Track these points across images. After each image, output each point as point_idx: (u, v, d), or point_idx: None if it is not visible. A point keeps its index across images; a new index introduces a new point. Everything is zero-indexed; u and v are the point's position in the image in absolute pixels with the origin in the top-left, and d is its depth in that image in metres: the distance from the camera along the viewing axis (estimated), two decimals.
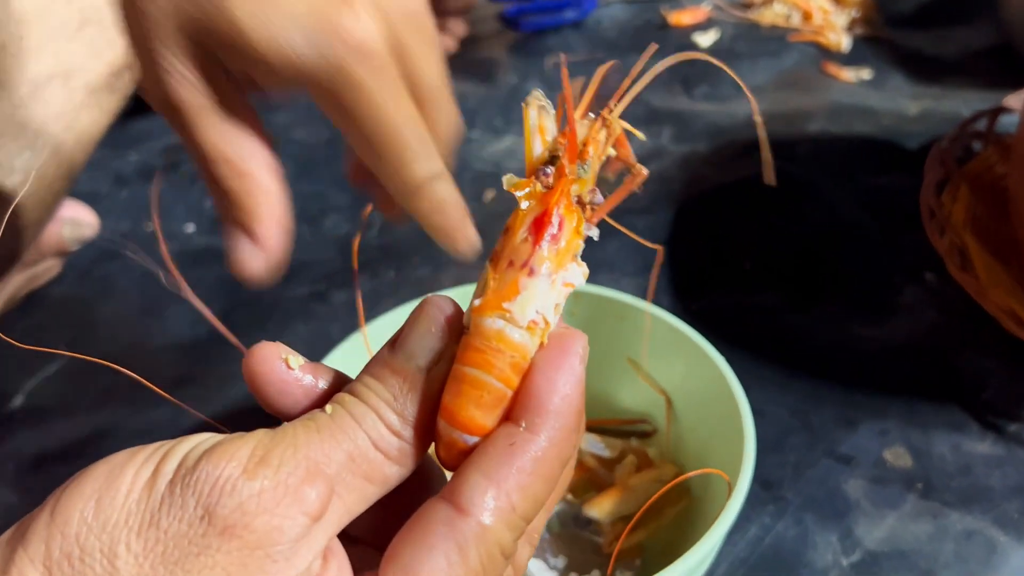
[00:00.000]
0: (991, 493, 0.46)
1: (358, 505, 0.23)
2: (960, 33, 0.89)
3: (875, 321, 0.57)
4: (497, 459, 0.22)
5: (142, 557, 0.20)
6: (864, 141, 0.74)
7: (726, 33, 0.93)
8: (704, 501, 0.41)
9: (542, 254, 0.23)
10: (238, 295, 0.64)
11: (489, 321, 0.23)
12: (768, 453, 0.48)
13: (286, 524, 0.21)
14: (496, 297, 0.23)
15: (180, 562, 0.20)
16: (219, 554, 0.20)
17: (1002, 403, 0.51)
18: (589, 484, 0.45)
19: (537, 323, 0.23)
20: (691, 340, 0.43)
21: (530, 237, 0.24)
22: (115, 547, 0.20)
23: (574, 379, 0.23)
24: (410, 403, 0.23)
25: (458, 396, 0.23)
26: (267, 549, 0.21)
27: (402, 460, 0.23)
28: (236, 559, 0.20)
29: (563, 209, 0.24)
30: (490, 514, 0.22)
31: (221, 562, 0.20)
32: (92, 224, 0.68)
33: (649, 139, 0.76)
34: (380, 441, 0.23)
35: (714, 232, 0.66)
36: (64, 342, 0.63)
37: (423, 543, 0.22)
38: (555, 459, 0.23)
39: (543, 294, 0.23)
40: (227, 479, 0.21)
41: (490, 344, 0.23)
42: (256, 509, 0.21)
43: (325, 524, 0.22)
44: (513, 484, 0.22)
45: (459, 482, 0.22)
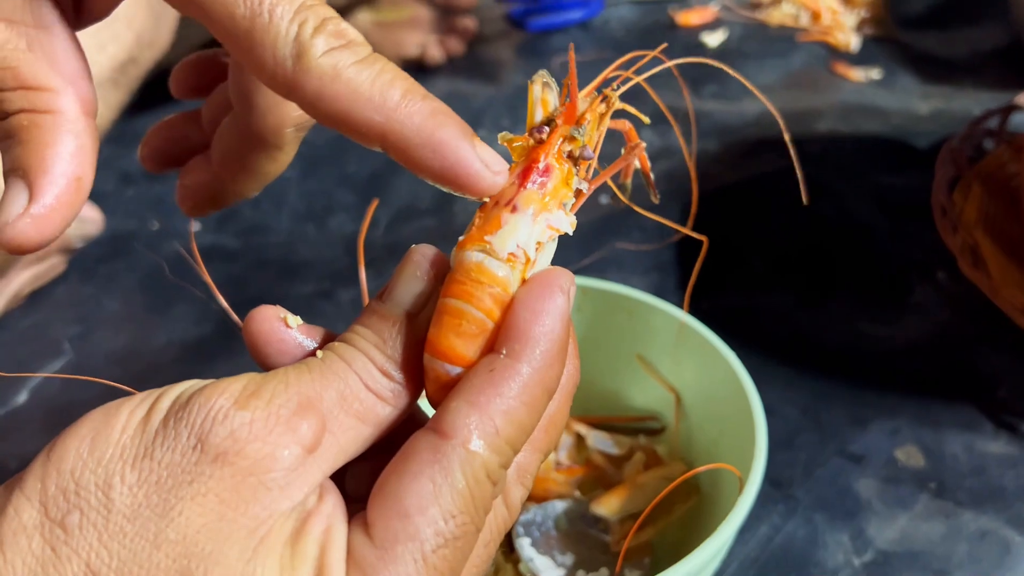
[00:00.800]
0: (1004, 493, 0.45)
1: (353, 445, 0.23)
2: (970, 33, 0.88)
3: (887, 319, 0.56)
4: (479, 385, 0.22)
5: (136, 487, 0.20)
6: (875, 140, 0.74)
7: (734, 33, 0.92)
8: (714, 499, 0.41)
9: (526, 194, 0.24)
10: (243, 293, 0.64)
11: (470, 254, 0.24)
12: (778, 452, 0.48)
13: (279, 452, 0.21)
14: (479, 232, 0.24)
15: (174, 489, 0.20)
16: (212, 480, 0.20)
17: (1016, 402, 0.50)
18: (597, 482, 0.45)
19: (517, 256, 0.23)
20: (703, 337, 0.43)
21: (516, 181, 0.24)
22: (110, 479, 0.20)
23: (556, 310, 0.23)
24: (400, 346, 0.23)
25: (439, 327, 0.23)
26: (260, 476, 0.21)
27: (395, 401, 0.23)
28: (229, 485, 0.20)
29: (551, 158, 0.25)
30: (474, 437, 0.22)
31: (214, 488, 0.20)
32: (97, 222, 0.68)
33: (658, 138, 0.76)
34: (371, 382, 0.23)
35: (724, 231, 0.66)
36: (68, 339, 0.62)
37: (408, 469, 0.22)
38: (537, 385, 0.22)
39: (524, 229, 0.24)
40: (219, 409, 0.21)
41: (470, 276, 0.23)
42: (248, 436, 0.21)
43: (319, 458, 0.22)
44: (495, 408, 0.22)
45: (442, 410, 0.22)
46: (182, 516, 0.20)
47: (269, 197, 0.75)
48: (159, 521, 0.20)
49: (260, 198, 0.75)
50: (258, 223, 0.72)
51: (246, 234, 0.71)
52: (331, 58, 0.22)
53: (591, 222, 0.66)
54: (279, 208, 0.73)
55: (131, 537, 0.20)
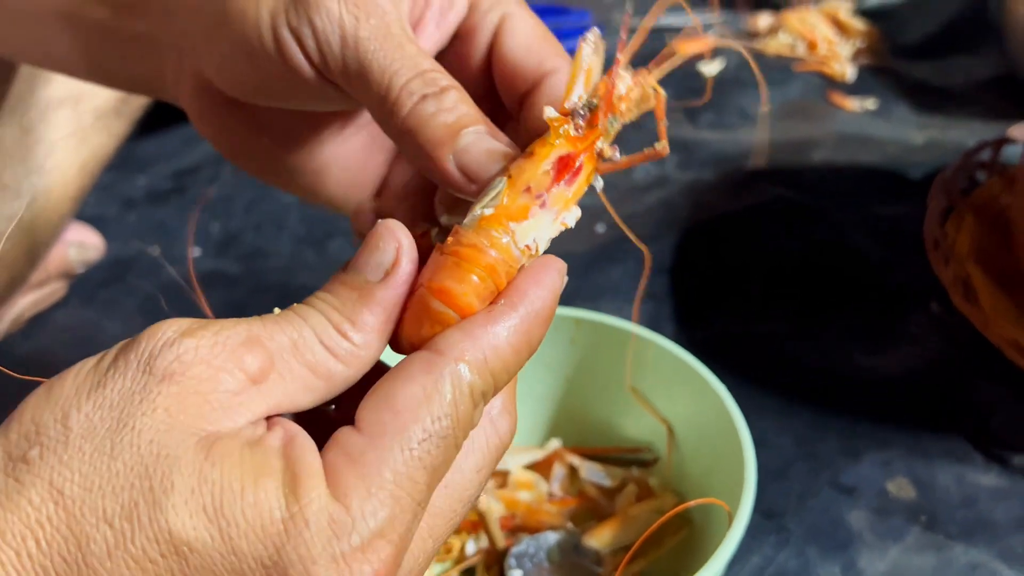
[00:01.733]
0: (995, 526, 0.45)
1: (302, 395, 0.24)
2: (965, 63, 0.89)
3: (880, 350, 0.57)
4: (476, 321, 0.24)
5: (91, 412, 0.22)
6: (869, 170, 0.74)
7: (731, 62, 0.93)
8: (705, 531, 0.41)
9: (556, 192, 0.26)
10: (243, 318, 0.65)
11: (493, 231, 0.25)
12: (771, 482, 0.48)
13: (222, 375, 0.22)
14: (504, 214, 0.25)
15: (126, 408, 0.22)
16: (159, 397, 0.22)
17: (1007, 434, 0.50)
18: (590, 513, 0.45)
19: (530, 248, 0.26)
20: (692, 369, 0.43)
21: (552, 172, 0.26)
22: (67, 412, 0.22)
23: (551, 283, 0.25)
24: (359, 310, 0.25)
25: (450, 275, 0.25)
26: (204, 394, 0.22)
27: (349, 361, 0.24)
28: (175, 400, 0.22)
29: (586, 158, 0.27)
30: (465, 359, 0.24)
31: (161, 404, 0.22)
32: (98, 247, 0.68)
33: (654, 167, 0.77)
34: (326, 338, 0.24)
35: (719, 260, 0.66)
36: (67, 365, 0.63)
37: (400, 376, 0.23)
38: (524, 335, 0.25)
39: (545, 227, 0.26)
40: (166, 338, 0.23)
41: (487, 244, 0.25)
42: (193, 360, 0.22)
43: (264, 392, 0.23)
44: (487, 343, 0.24)
45: (438, 336, 0.24)
46: (135, 429, 0.21)
47: (270, 221, 0.75)
48: (114, 436, 0.21)
49: (261, 222, 0.76)
50: (259, 248, 0.72)
51: (247, 259, 0.71)
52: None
53: (587, 251, 0.66)
54: (280, 232, 0.74)
55: (89, 453, 0.21)
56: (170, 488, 0.21)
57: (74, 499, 0.21)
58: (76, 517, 0.21)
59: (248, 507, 0.21)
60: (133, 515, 0.21)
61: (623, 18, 0.28)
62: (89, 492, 0.21)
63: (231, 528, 0.21)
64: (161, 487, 0.21)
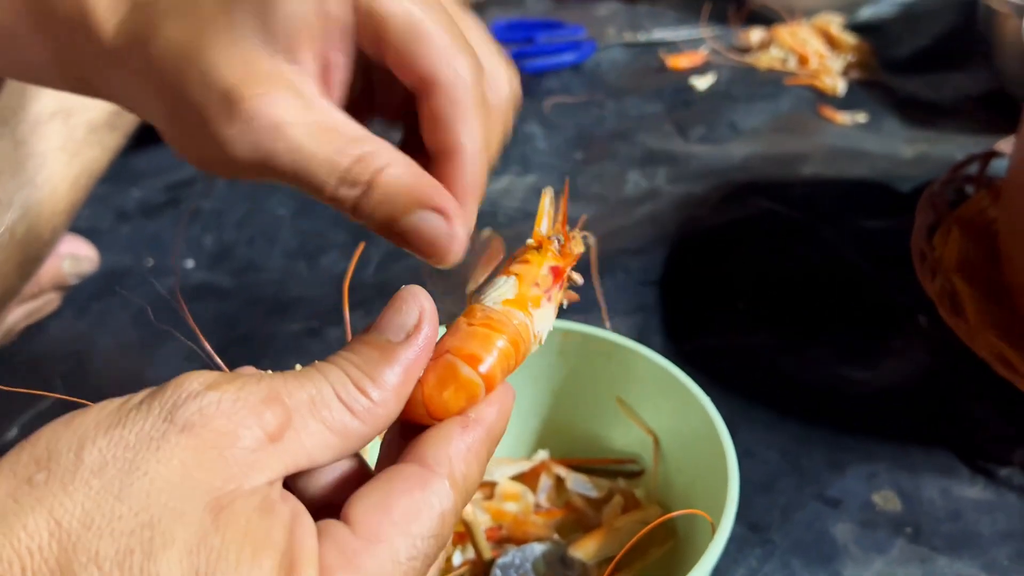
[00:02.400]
0: (980, 539, 0.46)
1: (318, 451, 0.24)
2: (955, 78, 0.90)
3: (867, 363, 0.57)
4: (452, 434, 0.26)
5: (105, 450, 0.22)
6: (858, 184, 0.75)
7: (723, 76, 0.94)
8: (690, 543, 0.41)
9: (555, 291, 0.30)
10: (233, 331, 0.65)
11: (516, 311, 0.29)
12: (756, 495, 0.48)
13: (241, 431, 0.23)
14: (523, 299, 0.29)
15: (141, 451, 0.22)
16: (177, 447, 0.22)
17: (992, 447, 0.51)
18: (576, 525, 0.45)
19: (538, 337, 0.30)
20: (678, 381, 0.43)
21: (550, 275, 0.30)
22: (83, 443, 0.22)
23: (507, 409, 0.28)
24: (380, 367, 0.25)
25: (479, 343, 0.27)
26: (221, 449, 0.22)
27: (366, 418, 0.25)
28: (192, 452, 0.22)
29: (568, 272, 0.32)
30: (451, 477, 0.25)
31: (179, 454, 0.22)
32: (92, 259, 0.69)
33: (644, 180, 0.77)
34: (344, 394, 0.24)
35: (708, 273, 0.67)
36: (60, 376, 0.63)
37: (397, 482, 0.24)
38: (487, 452, 0.27)
39: (549, 318, 0.30)
40: (191, 390, 0.23)
41: (512, 319, 0.29)
42: (214, 413, 0.23)
43: (281, 450, 0.23)
44: (464, 460, 0.26)
45: (426, 449, 0.25)
46: (147, 475, 0.21)
47: (263, 235, 0.76)
48: (124, 477, 0.21)
49: (254, 235, 0.76)
50: (252, 261, 0.73)
51: (240, 272, 0.72)
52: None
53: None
54: (272, 246, 0.74)
55: (96, 490, 0.21)
56: (170, 544, 0.21)
57: (70, 534, 0.20)
58: (68, 552, 0.20)
59: (243, 572, 0.21)
60: (125, 563, 0.20)
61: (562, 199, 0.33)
62: (87, 530, 0.20)
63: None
64: (161, 541, 0.21)
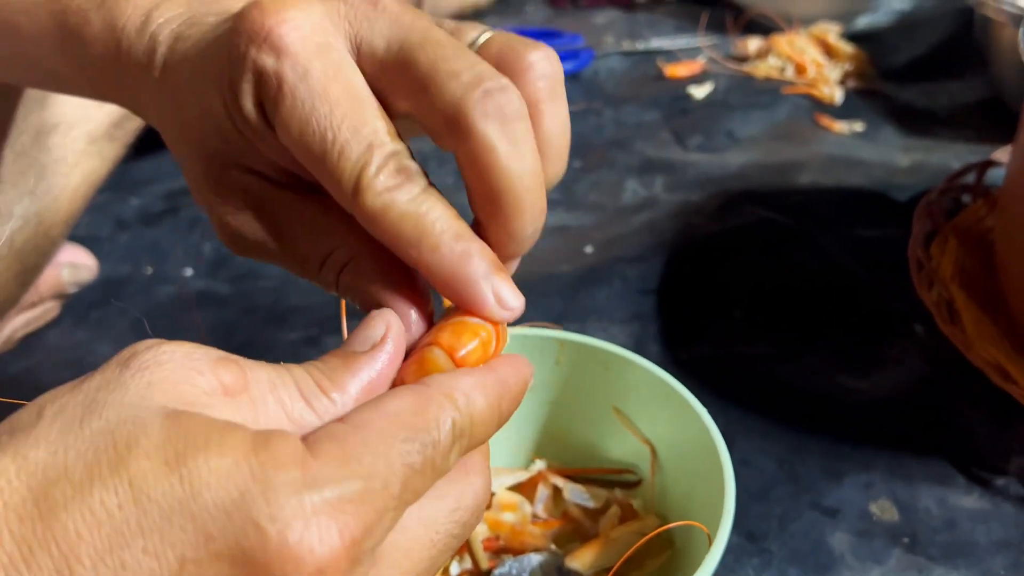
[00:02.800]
0: (977, 548, 0.46)
1: (275, 424, 0.24)
2: (951, 87, 0.90)
3: (863, 372, 0.57)
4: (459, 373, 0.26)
5: (65, 402, 0.22)
6: (855, 193, 0.75)
7: (720, 85, 0.94)
8: (687, 553, 0.41)
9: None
10: (232, 338, 0.65)
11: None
12: (753, 504, 0.48)
13: (196, 376, 0.23)
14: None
15: (97, 394, 0.22)
16: (131, 382, 0.22)
17: (989, 457, 0.51)
18: (574, 535, 0.45)
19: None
20: (675, 390, 0.43)
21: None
22: (43, 405, 0.22)
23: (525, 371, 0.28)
24: (341, 373, 0.25)
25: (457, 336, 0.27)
26: (176, 384, 0.22)
27: (323, 416, 0.24)
28: (145, 386, 0.22)
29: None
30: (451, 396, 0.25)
31: (133, 387, 0.22)
32: (91, 267, 0.69)
33: (642, 188, 0.77)
34: (304, 387, 0.24)
35: (705, 281, 0.67)
36: (58, 384, 0.63)
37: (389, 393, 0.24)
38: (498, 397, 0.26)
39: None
40: (145, 345, 0.23)
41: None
42: (169, 360, 0.23)
43: (236, 407, 0.23)
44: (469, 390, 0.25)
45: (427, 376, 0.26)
46: (105, 405, 0.21)
47: None
48: (84, 413, 0.21)
49: None
50: (251, 269, 0.73)
51: (238, 280, 0.72)
52: (382, 199, 0.26)
53: (574, 272, 0.67)
54: None
55: (57, 429, 0.21)
56: (134, 444, 0.21)
57: (37, 462, 0.20)
58: (36, 476, 0.20)
59: (214, 455, 0.21)
60: (94, 470, 0.20)
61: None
62: (54, 455, 0.20)
63: (193, 475, 0.20)
64: (125, 444, 0.21)
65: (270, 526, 0.20)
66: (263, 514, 0.20)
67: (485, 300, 0.27)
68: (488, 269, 0.27)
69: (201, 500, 0.20)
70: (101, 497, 0.20)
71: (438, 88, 0.26)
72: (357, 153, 0.26)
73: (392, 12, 0.27)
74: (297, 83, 0.26)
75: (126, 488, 0.20)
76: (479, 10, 1.11)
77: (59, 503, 0.20)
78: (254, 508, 0.20)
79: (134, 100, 0.32)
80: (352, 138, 0.26)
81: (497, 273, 0.27)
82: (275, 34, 0.26)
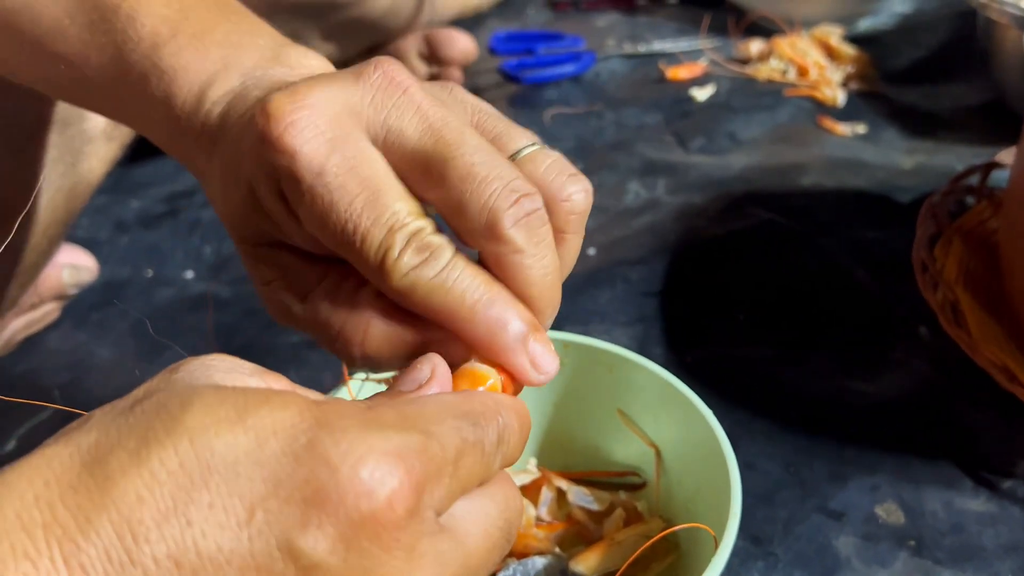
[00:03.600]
0: (984, 552, 0.45)
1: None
2: (954, 89, 0.90)
3: (868, 375, 0.57)
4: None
5: (115, 405, 0.22)
6: (858, 195, 0.75)
7: (723, 87, 0.94)
8: (692, 556, 0.41)
9: None
10: (232, 341, 0.65)
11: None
12: (758, 507, 0.48)
13: (246, 377, 0.23)
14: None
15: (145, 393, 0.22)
16: (177, 376, 0.23)
17: (995, 459, 0.50)
18: (578, 537, 0.45)
19: None
20: (680, 392, 0.43)
21: None
22: (92, 415, 0.22)
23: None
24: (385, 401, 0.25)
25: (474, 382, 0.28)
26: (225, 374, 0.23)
27: None
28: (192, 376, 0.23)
29: None
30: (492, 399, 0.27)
31: (179, 378, 0.23)
32: (91, 269, 0.69)
33: (644, 190, 0.77)
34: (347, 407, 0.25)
35: (708, 283, 0.67)
36: (58, 387, 0.63)
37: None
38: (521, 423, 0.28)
39: None
40: (189, 359, 0.24)
41: None
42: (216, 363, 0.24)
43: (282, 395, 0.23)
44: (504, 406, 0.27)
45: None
46: (153, 394, 0.22)
47: None
48: (133, 404, 0.21)
49: None
50: None
51: (238, 283, 0.71)
52: (408, 279, 0.27)
53: (577, 275, 0.66)
54: None
55: (111, 418, 0.21)
56: (188, 405, 0.20)
57: (89, 443, 0.20)
58: (90, 452, 0.20)
59: (277, 407, 0.21)
60: (149, 435, 0.20)
61: None
62: (106, 435, 0.20)
63: (258, 426, 0.20)
64: (180, 407, 0.20)
65: (342, 462, 0.20)
66: (334, 452, 0.20)
67: (523, 368, 0.28)
68: (523, 332, 0.28)
69: (268, 447, 0.20)
70: (160, 457, 0.20)
71: (472, 195, 0.27)
72: (379, 238, 0.27)
73: (421, 105, 0.28)
74: (314, 182, 0.27)
75: (186, 445, 0.20)
76: (480, 13, 1.11)
77: (115, 470, 0.20)
78: (324, 448, 0.20)
79: (194, 167, 0.33)
80: (373, 226, 0.27)
81: (533, 334, 0.28)
82: (286, 138, 0.27)
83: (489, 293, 0.28)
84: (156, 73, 0.31)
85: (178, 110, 0.31)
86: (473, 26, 1.06)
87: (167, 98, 0.32)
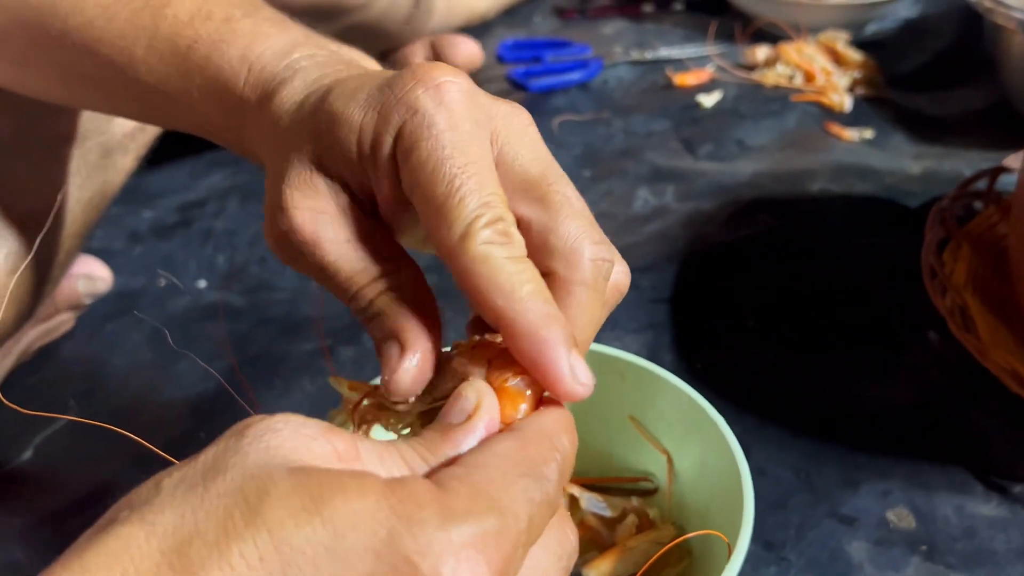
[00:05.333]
0: (995, 557, 0.46)
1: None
2: (961, 93, 0.90)
3: (878, 380, 0.57)
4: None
5: (184, 473, 0.22)
6: (866, 200, 0.75)
7: (729, 94, 0.94)
8: (705, 562, 0.41)
9: None
10: (246, 350, 0.65)
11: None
12: (770, 513, 0.48)
13: (311, 443, 0.23)
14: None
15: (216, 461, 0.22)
16: (250, 447, 0.22)
17: (1006, 464, 0.51)
18: (590, 544, 0.45)
19: None
20: (691, 399, 0.43)
21: None
22: (160, 479, 0.22)
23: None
24: (440, 445, 0.26)
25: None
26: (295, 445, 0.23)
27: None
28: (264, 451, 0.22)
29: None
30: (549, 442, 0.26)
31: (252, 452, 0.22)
32: (106, 279, 0.69)
33: (653, 197, 0.78)
34: (409, 458, 0.25)
35: (718, 290, 0.67)
36: (73, 396, 0.63)
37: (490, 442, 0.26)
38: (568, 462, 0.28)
39: None
40: (255, 419, 0.23)
41: None
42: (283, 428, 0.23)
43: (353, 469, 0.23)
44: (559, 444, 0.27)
45: None
46: (226, 469, 0.21)
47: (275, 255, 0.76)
48: (206, 478, 0.21)
49: (266, 255, 0.77)
50: (264, 280, 0.73)
51: (252, 292, 0.72)
52: (485, 249, 0.27)
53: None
54: (284, 265, 0.75)
55: (181, 495, 0.21)
56: (265, 495, 0.20)
57: (166, 526, 0.20)
58: (167, 539, 0.20)
59: (352, 496, 0.20)
60: (228, 525, 0.20)
61: None
62: (182, 518, 0.20)
63: (335, 518, 0.20)
64: (256, 496, 0.20)
65: (422, 561, 0.20)
66: (413, 550, 0.20)
67: (562, 367, 0.27)
68: (569, 339, 0.27)
69: (347, 541, 0.20)
70: (240, 551, 0.20)
71: (566, 219, 0.29)
72: (474, 204, 0.28)
73: (536, 140, 0.31)
74: (446, 130, 0.28)
75: (265, 538, 0.20)
76: (487, 20, 1.11)
77: (195, 563, 0.19)
78: (403, 544, 0.20)
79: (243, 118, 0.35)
80: (475, 190, 0.28)
81: (577, 348, 0.28)
82: (444, 87, 0.29)
83: (548, 295, 0.28)
84: (230, 40, 0.35)
85: (252, 68, 0.34)
86: (480, 34, 1.06)
87: (242, 58, 0.34)
